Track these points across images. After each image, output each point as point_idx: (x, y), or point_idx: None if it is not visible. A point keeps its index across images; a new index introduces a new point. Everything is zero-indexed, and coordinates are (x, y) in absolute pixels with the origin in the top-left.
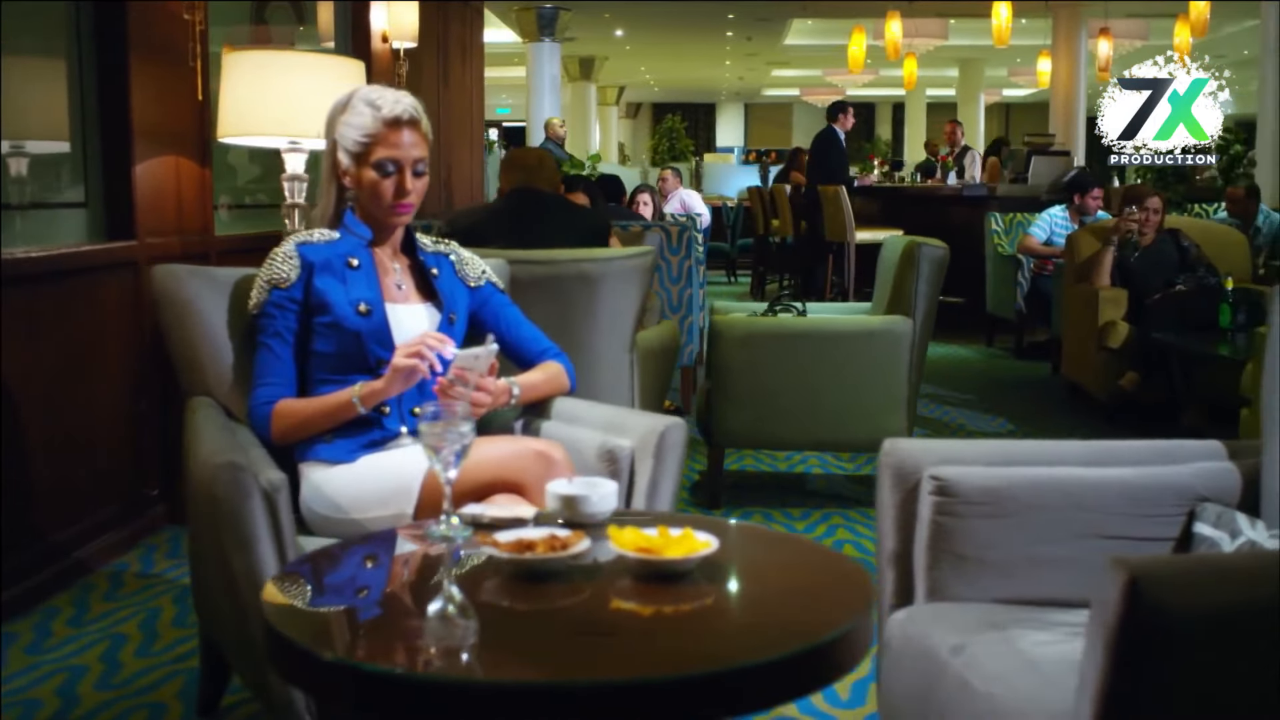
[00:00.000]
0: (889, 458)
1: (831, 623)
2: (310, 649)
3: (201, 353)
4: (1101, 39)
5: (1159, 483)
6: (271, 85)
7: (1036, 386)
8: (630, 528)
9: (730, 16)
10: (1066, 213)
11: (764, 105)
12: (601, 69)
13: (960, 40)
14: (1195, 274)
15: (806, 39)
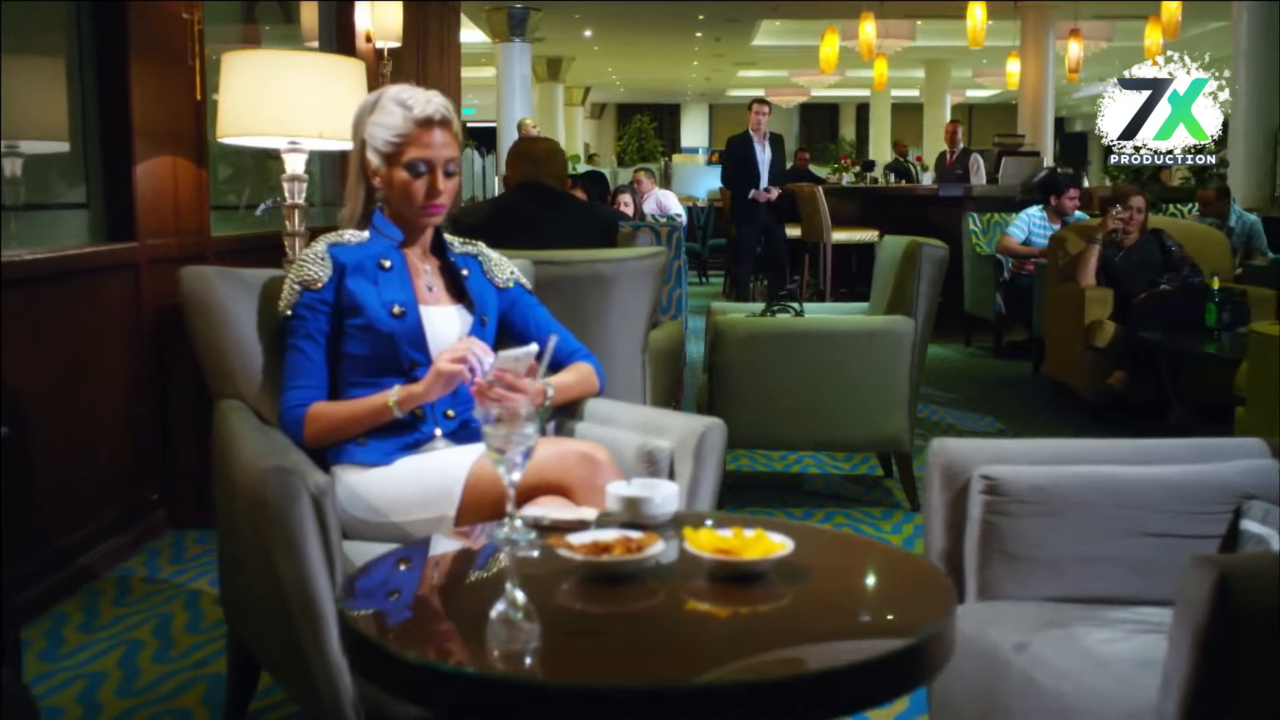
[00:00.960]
0: (938, 457)
1: (918, 623)
2: (394, 651)
3: (231, 355)
4: (1072, 40)
5: (1205, 480)
6: (272, 85)
7: (1019, 386)
8: (705, 529)
9: (700, 17)
10: (1044, 213)
11: (729, 106)
12: (569, 69)
13: (927, 41)
14: (1179, 274)
15: (774, 40)
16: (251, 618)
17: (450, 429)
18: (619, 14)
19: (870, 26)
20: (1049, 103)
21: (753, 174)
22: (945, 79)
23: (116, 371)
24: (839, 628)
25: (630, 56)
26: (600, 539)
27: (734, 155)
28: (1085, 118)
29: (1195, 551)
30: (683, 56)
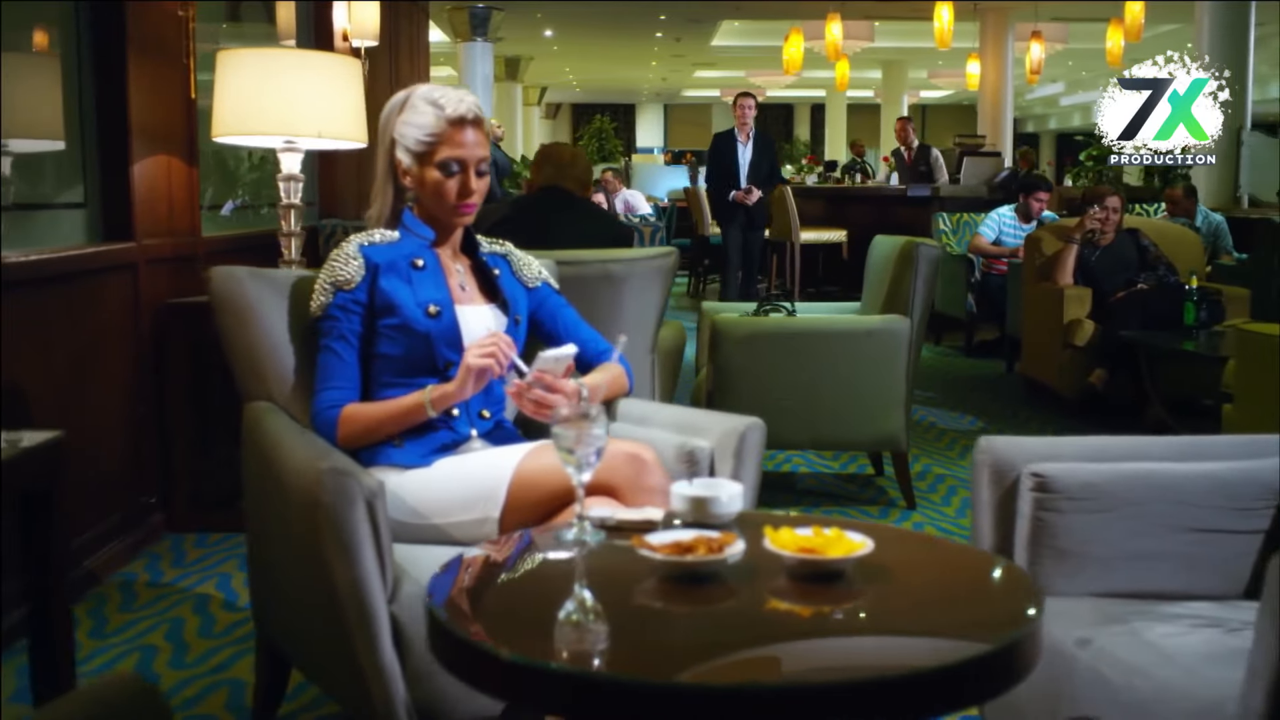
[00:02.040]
0: (985, 455)
1: (1009, 624)
2: (489, 648)
3: (262, 356)
4: (1033, 42)
5: (1248, 476)
6: (270, 84)
7: (994, 384)
8: (785, 528)
9: (662, 17)
10: (1014, 213)
11: (684, 106)
12: (527, 69)
13: (885, 42)
14: (1155, 273)
15: (734, 40)
16: (289, 622)
17: (485, 429)
18: (581, 14)
19: (837, 27)
20: (1008, 103)
21: (733, 174)
22: (903, 80)
23: (115, 374)
24: (927, 628)
25: (589, 56)
26: (680, 539)
27: (715, 153)
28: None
29: (1240, 546)
30: (642, 57)
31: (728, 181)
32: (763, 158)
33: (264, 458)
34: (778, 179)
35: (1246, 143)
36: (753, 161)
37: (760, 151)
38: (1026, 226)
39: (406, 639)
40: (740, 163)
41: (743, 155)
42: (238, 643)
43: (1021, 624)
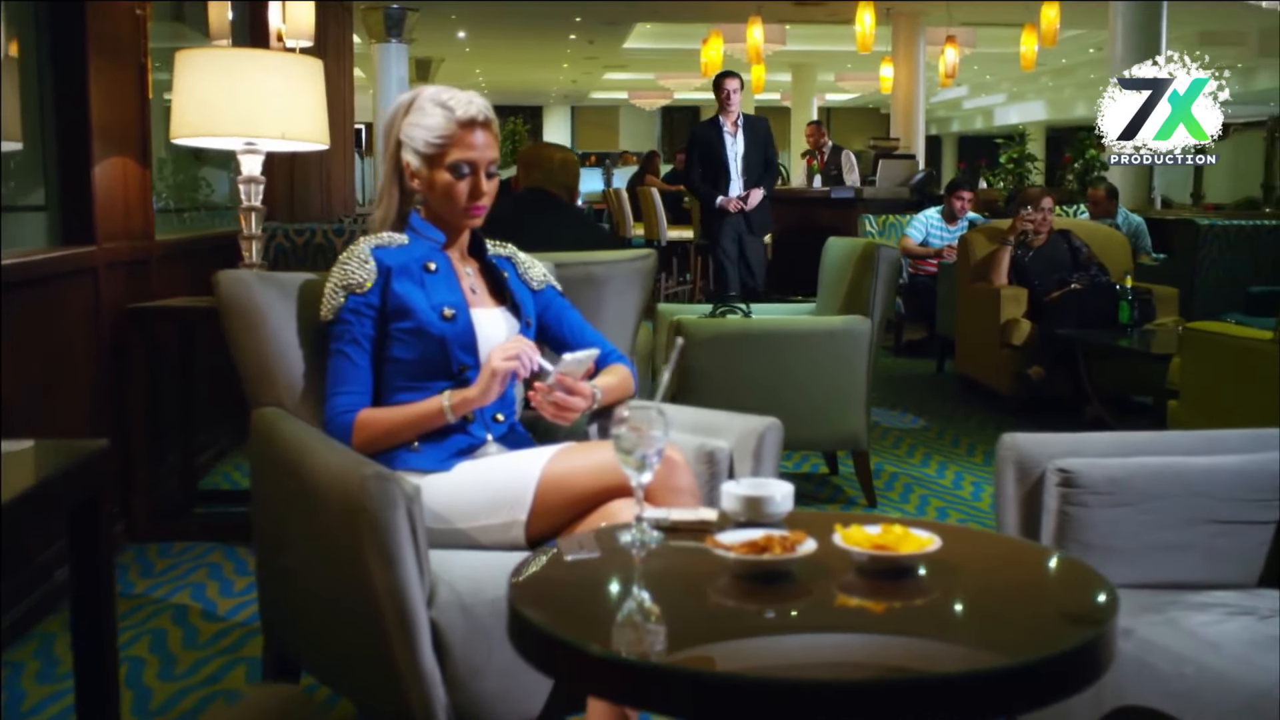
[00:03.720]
0: (1010, 451)
1: (1087, 618)
2: (581, 645)
3: (272, 361)
4: (947, 46)
5: (1264, 469)
6: (229, 84)
7: (929, 382)
8: (855, 526)
9: (578, 19)
10: (940, 215)
11: (591, 108)
12: (438, 71)
13: (796, 46)
14: (1088, 273)
15: (646, 43)
16: (310, 630)
17: (500, 433)
18: (496, 15)
19: (758, 30)
20: (920, 107)
21: (720, 171)
22: (812, 83)
23: (76, 382)
24: (1006, 623)
25: (501, 58)
26: (753, 538)
27: (695, 148)
28: (940, 121)
29: (1257, 536)
30: (554, 58)
31: (714, 181)
32: (755, 148)
33: (286, 464)
34: (775, 173)
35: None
36: (745, 154)
37: (752, 141)
38: (953, 227)
39: (445, 644)
40: (729, 157)
41: (731, 147)
42: (225, 653)
43: (1102, 619)
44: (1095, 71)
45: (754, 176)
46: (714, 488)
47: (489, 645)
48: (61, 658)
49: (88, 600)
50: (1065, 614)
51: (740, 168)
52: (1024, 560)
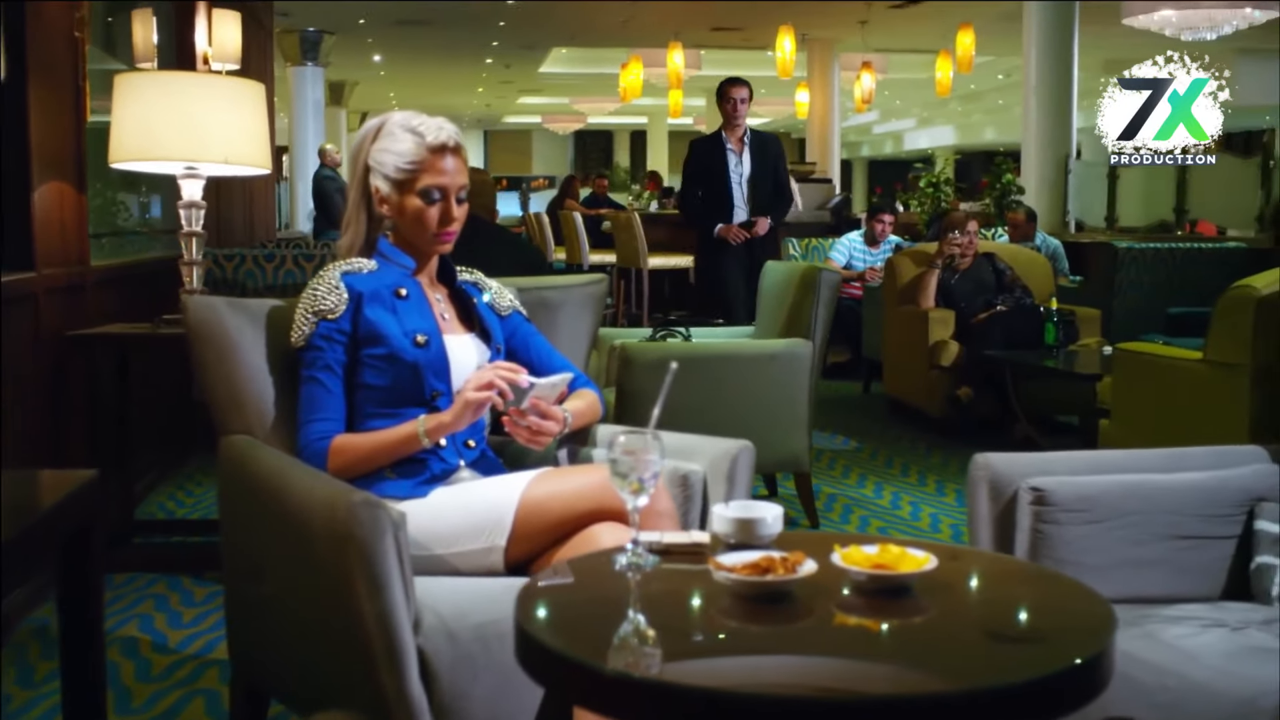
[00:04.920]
0: (982, 471)
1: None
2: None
3: (242, 388)
4: (863, 72)
5: (1225, 485)
6: (170, 108)
7: (856, 404)
8: (853, 547)
9: (495, 43)
10: (862, 238)
11: (504, 132)
12: (351, 94)
13: (711, 71)
14: (1013, 295)
15: (562, 67)
16: (286, 660)
17: (472, 459)
18: (412, 39)
19: (679, 56)
20: (835, 131)
21: (722, 194)
22: None
23: (16, 412)
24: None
25: (416, 81)
26: (754, 560)
27: (693, 167)
28: (850, 145)
29: (1220, 550)
30: (469, 82)
31: (714, 206)
32: (764, 170)
33: (264, 491)
34: (788, 200)
35: (1073, 170)
36: (752, 176)
37: (760, 162)
38: (875, 251)
39: (432, 670)
40: (732, 179)
41: (735, 169)
42: (181, 685)
43: (1102, 635)
44: (1004, 97)
45: (762, 203)
46: (688, 511)
47: (474, 671)
48: (13, 695)
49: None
50: (1065, 631)
51: (746, 193)
52: (1019, 578)
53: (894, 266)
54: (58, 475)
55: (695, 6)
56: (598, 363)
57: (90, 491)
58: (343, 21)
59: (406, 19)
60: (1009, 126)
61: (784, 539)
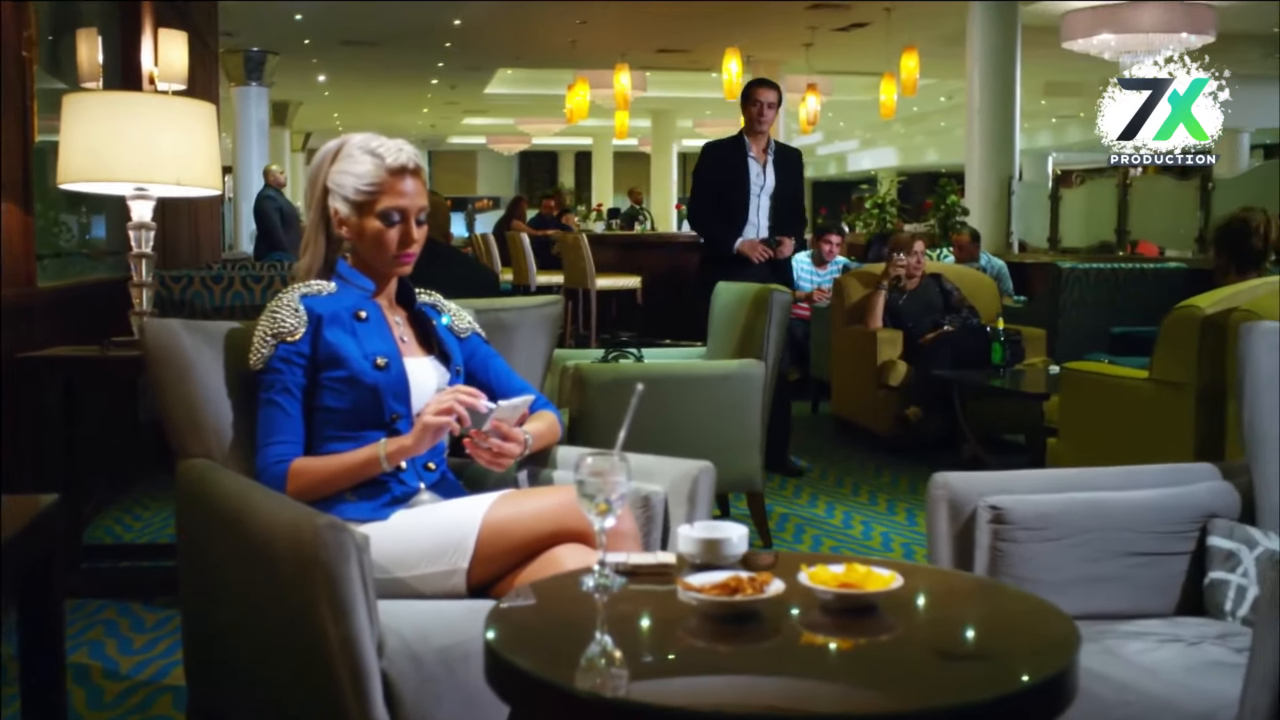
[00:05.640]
0: (941, 490)
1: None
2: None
3: (200, 411)
4: (809, 94)
5: (1180, 502)
6: (121, 129)
7: (805, 424)
8: (820, 566)
9: (440, 64)
10: (810, 258)
11: (449, 153)
12: (295, 115)
13: (656, 92)
14: (959, 315)
15: (508, 88)
16: (248, 685)
17: (432, 481)
18: (357, 59)
19: (625, 78)
20: None
21: (738, 208)
22: (672, 129)
23: None
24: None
25: (361, 102)
26: (722, 580)
27: (708, 175)
28: None
29: (1174, 567)
30: (414, 103)
31: (729, 219)
32: (787, 184)
33: (225, 516)
34: (801, 220)
35: (1016, 191)
36: (775, 192)
37: (784, 177)
38: (823, 271)
39: (396, 694)
40: (752, 192)
41: (756, 179)
42: (134, 712)
43: (1068, 651)
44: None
45: (783, 221)
46: (650, 532)
47: (439, 693)
48: None
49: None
50: (1031, 647)
51: (766, 208)
52: (984, 596)
53: (842, 287)
54: (18, 501)
55: (642, 28)
56: (552, 384)
57: (50, 518)
58: (287, 42)
59: (352, 39)
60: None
61: (749, 559)
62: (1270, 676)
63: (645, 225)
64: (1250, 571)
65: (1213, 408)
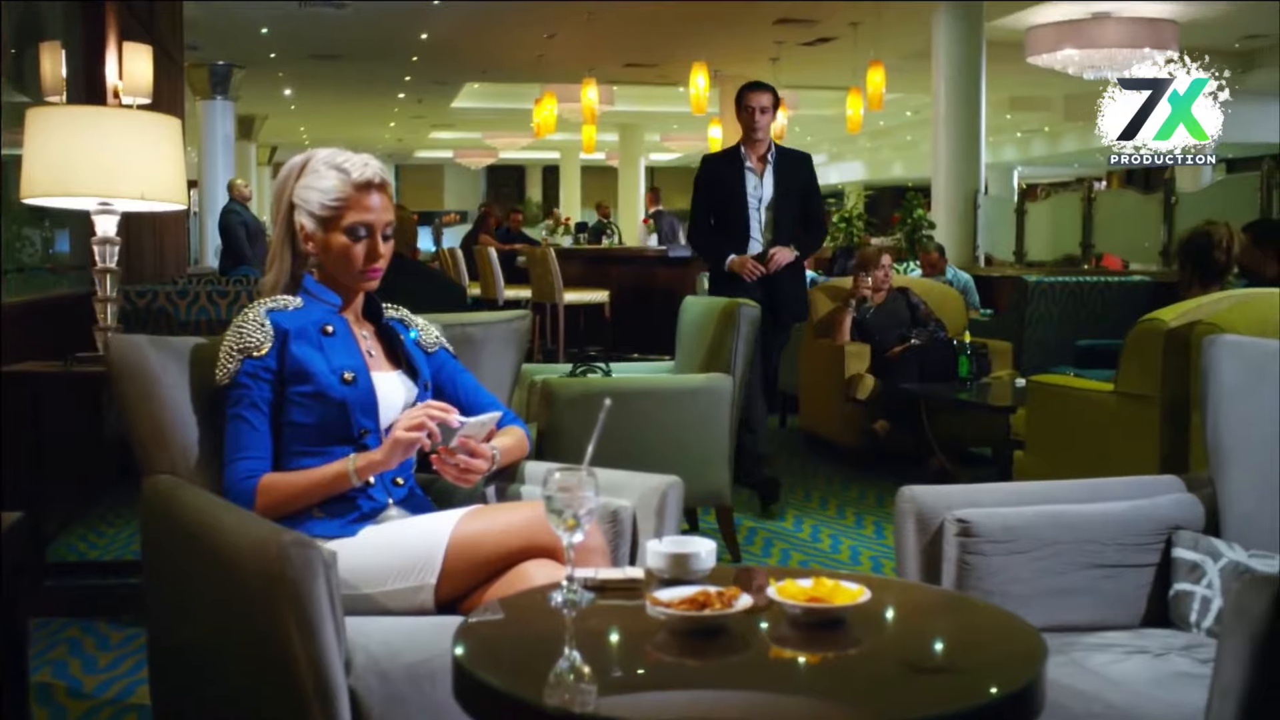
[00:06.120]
0: (909, 504)
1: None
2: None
3: (166, 427)
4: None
5: (1145, 514)
6: (82, 143)
7: (772, 438)
8: (789, 580)
9: (407, 78)
10: None
11: (416, 167)
12: (261, 128)
13: (624, 106)
14: (927, 328)
15: (474, 102)
16: (214, 704)
17: (400, 497)
18: (323, 73)
19: (593, 92)
20: None
21: (733, 224)
22: (639, 143)
23: None
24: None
25: (327, 116)
26: (691, 595)
27: (704, 190)
28: None
29: (1139, 579)
30: (381, 117)
31: (726, 233)
32: (789, 194)
33: (190, 532)
34: (819, 231)
35: (982, 205)
36: (774, 200)
37: (786, 182)
38: None
39: (364, 711)
40: (750, 204)
41: (754, 192)
42: None
43: (1035, 663)
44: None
45: (785, 233)
46: (619, 546)
47: (407, 710)
48: None
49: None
50: (998, 660)
51: (765, 220)
52: (951, 609)
53: (810, 301)
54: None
55: (609, 42)
56: (519, 399)
57: (15, 535)
58: (253, 55)
59: (318, 53)
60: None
61: (718, 573)
62: (1234, 687)
63: (613, 239)
64: (1215, 583)
65: (1177, 420)
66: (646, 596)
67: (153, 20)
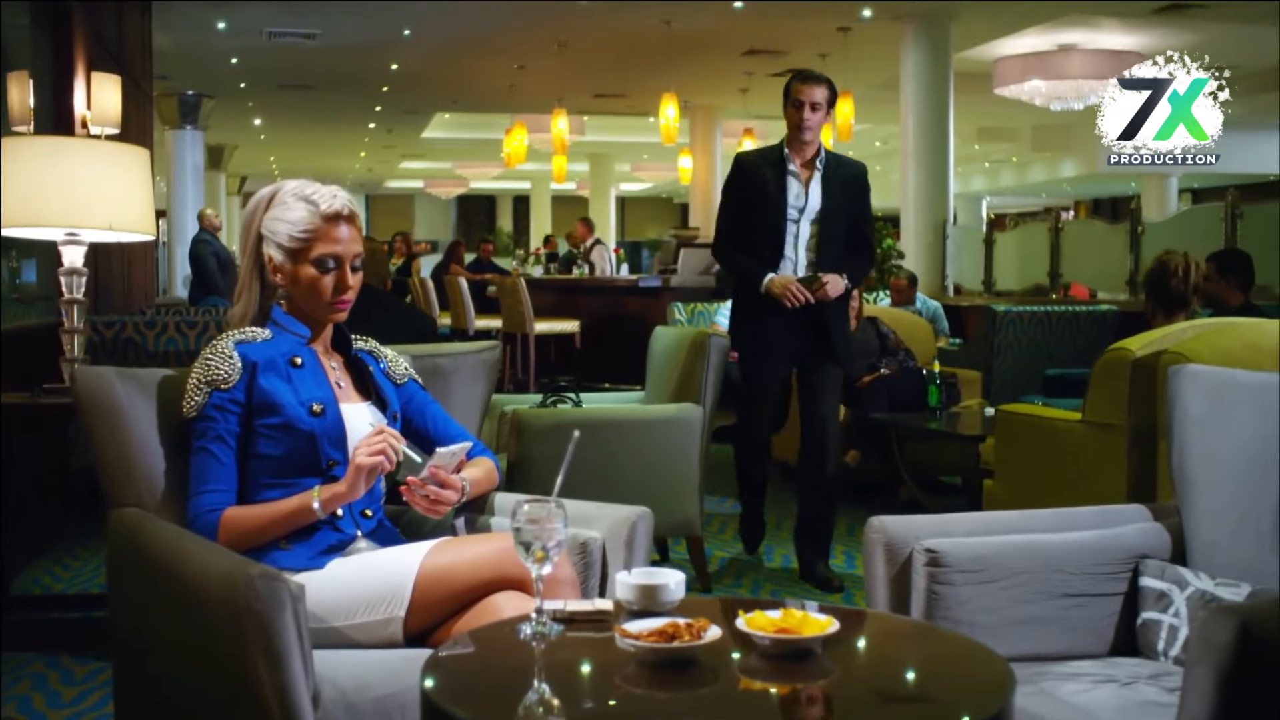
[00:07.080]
0: (878, 534)
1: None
2: None
3: (133, 460)
4: (745, 138)
5: (1112, 544)
6: (50, 173)
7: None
8: (757, 612)
9: (378, 108)
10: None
11: (386, 196)
12: (231, 158)
13: (594, 136)
14: (896, 358)
15: (445, 132)
16: None
17: (369, 529)
18: (294, 103)
19: (563, 122)
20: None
21: (767, 236)
22: (610, 173)
23: None
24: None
25: (297, 146)
26: (660, 627)
27: (733, 195)
28: None
29: (1107, 608)
30: (351, 147)
31: (757, 249)
32: (839, 209)
33: (157, 566)
34: (868, 257)
35: (951, 235)
36: (821, 214)
37: (836, 197)
38: None
39: None
40: (789, 215)
41: (795, 200)
42: None
43: (1003, 695)
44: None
45: (832, 256)
46: (588, 578)
47: None
48: None
49: None
50: (966, 690)
51: (803, 235)
52: (919, 639)
53: None
54: None
55: (579, 73)
56: (490, 429)
57: None
58: (223, 85)
59: (288, 83)
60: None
61: (687, 605)
62: (1201, 716)
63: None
64: (1181, 611)
65: (1144, 449)
66: (615, 628)
67: (121, 50)
